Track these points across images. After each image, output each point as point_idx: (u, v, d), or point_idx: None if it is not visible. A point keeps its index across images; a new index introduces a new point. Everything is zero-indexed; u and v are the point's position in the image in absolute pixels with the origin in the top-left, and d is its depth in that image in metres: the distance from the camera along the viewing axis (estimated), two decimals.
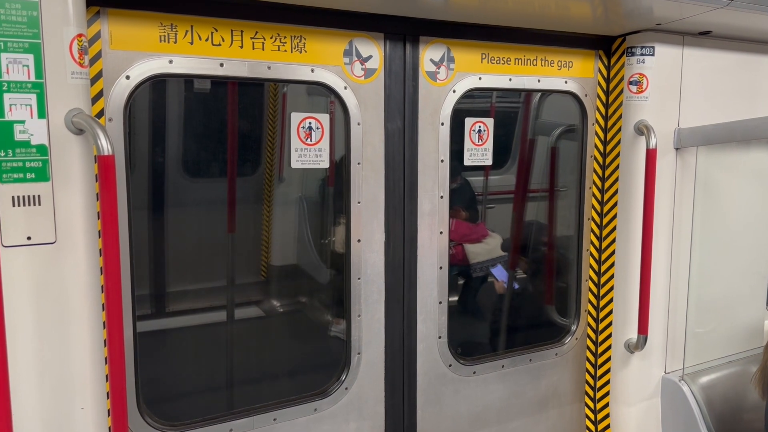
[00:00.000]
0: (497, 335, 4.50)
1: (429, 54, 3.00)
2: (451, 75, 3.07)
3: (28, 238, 2.01)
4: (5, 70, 1.94)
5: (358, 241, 2.97)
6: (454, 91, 3.08)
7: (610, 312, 3.55)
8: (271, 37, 2.64)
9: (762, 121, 3.14)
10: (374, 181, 2.97)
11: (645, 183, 3.24)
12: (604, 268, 3.55)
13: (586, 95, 3.44)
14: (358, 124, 2.89)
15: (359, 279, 3.00)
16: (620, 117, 3.40)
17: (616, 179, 3.44)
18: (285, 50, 2.68)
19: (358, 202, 2.95)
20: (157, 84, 4.24)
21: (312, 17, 2.70)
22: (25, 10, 1.95)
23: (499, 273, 4.57)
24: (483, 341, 4.55)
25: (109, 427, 2.24)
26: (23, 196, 1.99)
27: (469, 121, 3.23)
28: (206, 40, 2.52)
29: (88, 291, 2.15)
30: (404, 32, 2.94)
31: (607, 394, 3.62)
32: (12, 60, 1.95)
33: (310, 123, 2.83)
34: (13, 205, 1.98)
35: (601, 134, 3.50)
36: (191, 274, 4.60)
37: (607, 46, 3.44)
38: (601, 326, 3.60)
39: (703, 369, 3.63)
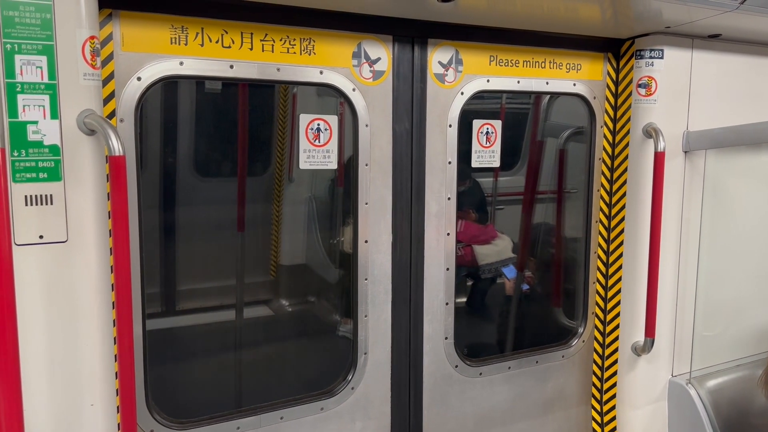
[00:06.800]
0: (504, 336, 4.51)
1: (437, 56, 3.01)
2: (459, 77, 3.08)
3: (41, 236, 2.04)
4: (19, 71, 1.96)
5: (366, 241, 2.99)
6: (462, 93, 3.09)
7: (618, 314, 3.54)
8: (281, 40, 2.66)
9: None
10: (382, 182, 2.98)
11: (653, 186, 3.24)
12: (611, 270, 3.55)
13: (594, 98, 3.44)
14: (367, 125, 2.90)
15: (366, 279, 3.01)
16: (629, 120, 3.39)
17: (624, 182, 3.44)
18: (294, 52, 2.70)
19: (366, 203, 2.96)
20: (168, 85, 4.28)
21: (321, 20, 2.71)
22: (38, 12, 1.98)
23: (511, 273, 4.57)
24: (490, 342, 4.56)
25: (118, 424, 2.27)
26: (36, 196, 2.02)
27: (477, 123, 3.23)
28: (216, 42, 2.54)
29: (99, 289, 2.17)
30: (413, 34, 2.95)
31: (614, 396, 3.61)
32: (26, 61, 1.97)
33: (318, 124, 2.85)
34: (26, 205, 2.01)
35: (610, 137, 3.50)
36: (201, 273, 4.63)
37: (616, 48, 3.44)
38: (608, 329, 3.59)
39: (711, 372, 3.62)
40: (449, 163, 3.11)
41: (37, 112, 2.01)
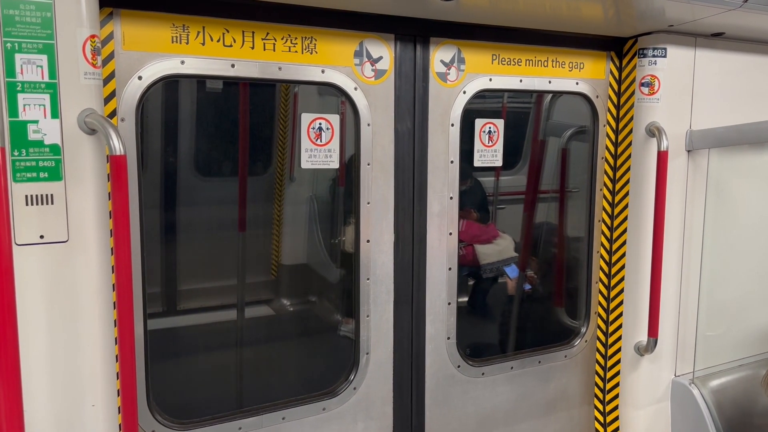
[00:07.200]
0: (507, 336, 4.50)
1: (439, 55, 3.00)
2: (461, 76, 3.07)
3: (41, 236, 2.04)
4: (19, 70, 1.96)
5: (368, 241, 2.98)
6: (464, 92, 3.08)
7: (621, 314, 3.53)
8: (282, 38, 2.65)
9: None
10: (384, 181, 2.97)
11: (656, 185, 3.23)
12: (614, 270, 3.54)
13: (597, 96, 3.43)
14: (368, 125, 2.90)
15: (368, 279, 3.00)
16: (631, 119, 3.38)
17: (627, 181, 3.43)
18: (296, 51, 2.69)
19: (368, 203, 2.96)
20: (169, 84, 4.28)
21: (323, 18, 2.71)
22: (39, 11, 1.97)
23: (512, 273, 4.56)
24: (492, 342, 4.55)
25: (120, 425, 2.26)
26: (36, 195, 2.01)
27: (479, 122, 3.22)
28: (218, 41, 2.53)
29: (100, 289, 2.17)
30: (415, 33, 2.94)
31: (617, 396, 3.61)
32: (26, 60, 1.97)
33: (320, 123, 2.84)
34: (27, 204, 2.00)
35: (612, 136, 3.49)
36: (202, 273, 4.63)
37: (619, 47, 3.43)
38: (611, 328, 3.58)
39: (714, 372, 3.61)
40: (451, 162, 3.10)
41: (38, 112, 2.00)
